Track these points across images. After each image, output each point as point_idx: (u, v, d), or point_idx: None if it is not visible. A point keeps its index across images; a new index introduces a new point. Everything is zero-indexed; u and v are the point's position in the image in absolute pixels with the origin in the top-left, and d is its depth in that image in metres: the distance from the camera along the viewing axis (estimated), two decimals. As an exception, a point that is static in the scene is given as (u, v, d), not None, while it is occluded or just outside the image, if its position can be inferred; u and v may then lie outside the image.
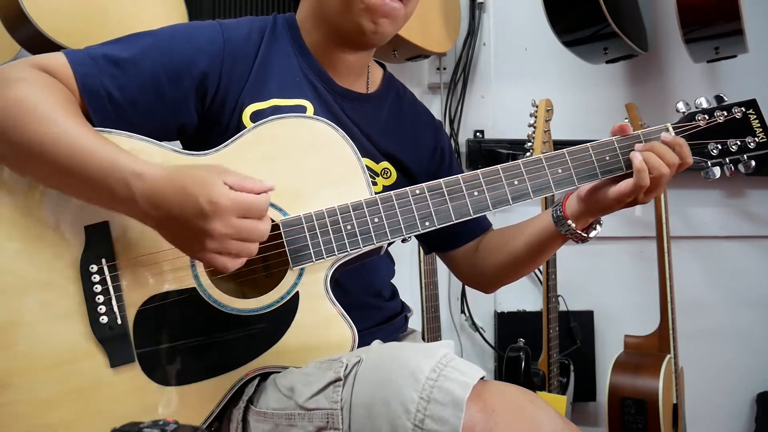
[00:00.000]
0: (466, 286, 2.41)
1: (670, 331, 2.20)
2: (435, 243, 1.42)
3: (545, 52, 2.42)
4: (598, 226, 1.23)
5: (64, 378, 1.00)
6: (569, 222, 1.20)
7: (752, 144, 1.18)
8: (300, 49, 1.23)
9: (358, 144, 1.13)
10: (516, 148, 2.36)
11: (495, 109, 2.51)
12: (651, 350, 2.22)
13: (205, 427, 1.04)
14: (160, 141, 1.10)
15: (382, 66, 1.38)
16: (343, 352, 1.04)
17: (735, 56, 2.18)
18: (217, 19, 1.20)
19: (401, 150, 1.30)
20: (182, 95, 1.12)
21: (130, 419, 0.76)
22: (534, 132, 1.97)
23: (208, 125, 1.16)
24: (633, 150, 1.15)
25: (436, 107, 2.47)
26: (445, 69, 2.47)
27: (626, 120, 1.93)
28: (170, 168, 0.96)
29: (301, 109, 1.17)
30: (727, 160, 1.19)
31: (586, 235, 1.22)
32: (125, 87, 1.07)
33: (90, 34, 1.67)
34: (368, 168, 1.23)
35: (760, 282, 2.56)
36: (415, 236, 1.30)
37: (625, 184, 1.13)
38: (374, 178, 1.26)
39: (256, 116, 1.14)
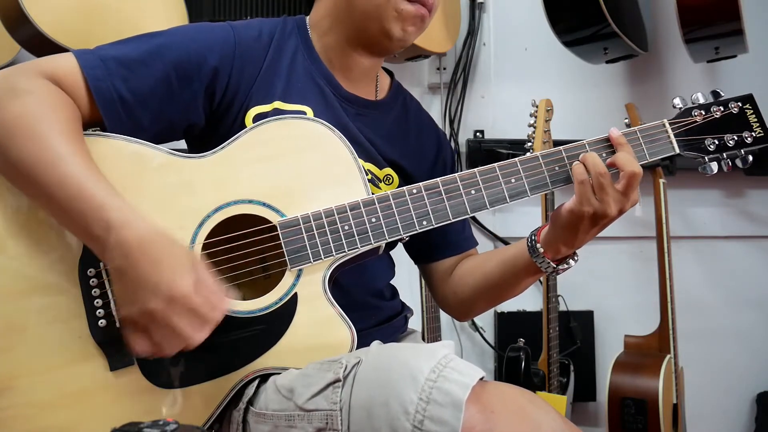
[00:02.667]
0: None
1: (670, 331, 2.19)
2: (418, 251, 1.40)
3: (545, 52, 2.42)
4: (571, 261, 1.18)
5: (64, 381, 1.00)
6: (539, 246, 1.16)
7: (749, 139, 1.17)
8: (309, 53, 1.23)
9: (362, 149, 1.13)
10: (516, 148, 2.35)
11: (495, 109, 2.51)
12: (651, 350, 2.21)
13: (206, 429, 1.04)
14: (168, 141, 1.11)
15: (391, 74, 1.38)
16: (342, 352, 1.04)
17: (735, 56, 2.18)
18: (228, 21, 1.20)
19: (404, 158, 1.30)
20: (192, 95, 1.12)
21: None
22: (534, 132, 1.97)
23: (213, 125, 1.17)
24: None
25: (436, 107, 2.47)
26: (445, 69, 2.47)
27: (626, 120, 1.93)
28: (158, 231, 0.95)
29: (302, 114, 1.17)
30: (724, 155, 1.18)
31: (556, 266, 1.17)
32: (136, 89, 1.07)
33: (90, 34, 1.67)
34: (371, 173, 1.23)
35: (760, 282, 2.55)
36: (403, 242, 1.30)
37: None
38: (377, 184, 1.25)
39: (258, 118, 1.14)
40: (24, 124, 0.97)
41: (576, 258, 1.19)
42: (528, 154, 1.15)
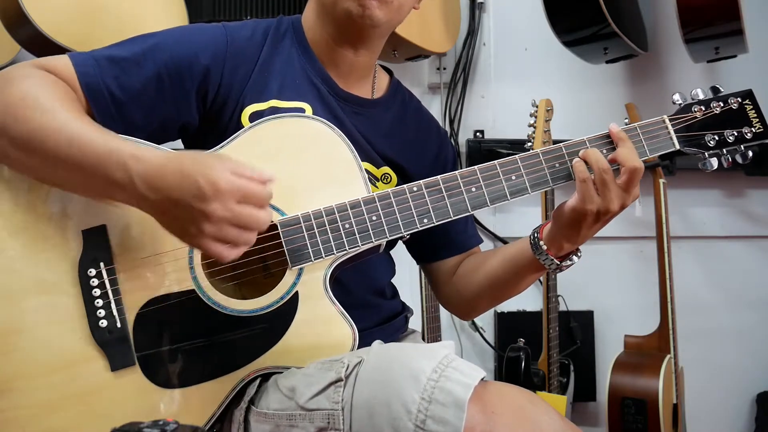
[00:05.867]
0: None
1: (670, 331, 2.19)
2: (420, 251, 1.39)
3: (545, 52, 2.42)
4: (575, 257, 1.18)
5: (65, 382, 1.00)
6: (542, 243, 1.16)
7: (749, 134, 1.17)
8: (304, 51, 1.23)
9: (359, 148, 1.13)
10: (516, 148, 2.35)
11: (495, 109, 2.51)
12: (651, 350, 2.21)
13: (207, 428, 1.04)
14: (162, 141, 1.11)
15: (390, 73, 1.38)
16: (343, 351, 1.04)
17: (735, 56, 2.18)
18: (222, 22, 1.20)
19: (402, 156, 1.30)
20: (184, 94, 1.12)
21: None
22: (534, 132, 1.98)
23: (208, 125, 1.17)
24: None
25: (436, 107, 2.47)
26: (445, 69, 2.47)
27: (626, 120, 1.93)
28: (169, 152, 0.97)
29: (300, 112, 1.17)
30: (724, 151, 1.18)
31: (560, 262, 1.17)
32: (127, 86, 1.08)
33: (90, 34, 1.67)
34: (369, 173, 1.23)
35: (760, 282, 2.55)
36: (404, 242, 1.30)
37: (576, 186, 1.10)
38: (374, 183, 1.25)
39: (254, 117, 1.14)
40: (27, 101, 0.98)
41: (579, 254, 1.19)
42: (529, 152, 1.15)
